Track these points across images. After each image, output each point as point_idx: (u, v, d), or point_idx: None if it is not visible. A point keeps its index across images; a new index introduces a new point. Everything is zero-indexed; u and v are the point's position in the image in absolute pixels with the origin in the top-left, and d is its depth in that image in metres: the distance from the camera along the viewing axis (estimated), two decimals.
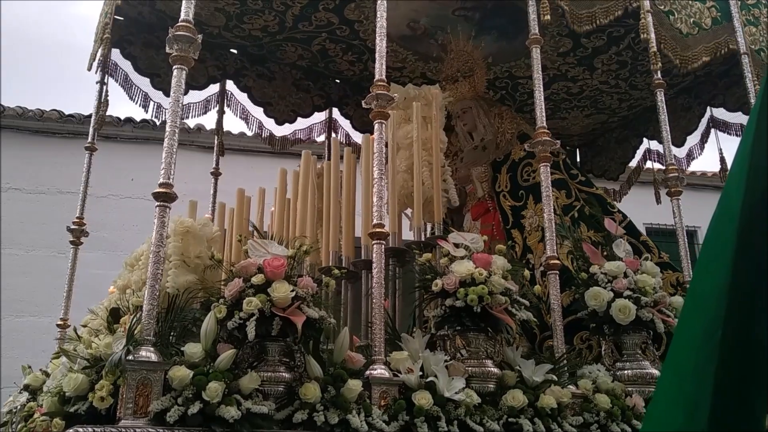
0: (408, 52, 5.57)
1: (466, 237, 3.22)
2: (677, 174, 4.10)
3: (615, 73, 5.73)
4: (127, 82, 5.17)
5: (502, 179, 4.75)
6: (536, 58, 3.82)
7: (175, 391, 2.39)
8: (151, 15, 5.00)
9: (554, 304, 3.41)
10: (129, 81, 5.19)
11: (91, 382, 2.54)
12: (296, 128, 6.24)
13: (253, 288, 2.59)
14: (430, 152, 3.72)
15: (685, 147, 6.28)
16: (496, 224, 4.69)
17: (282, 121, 6.01)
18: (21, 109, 8.87)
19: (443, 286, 3.02)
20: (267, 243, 2.77)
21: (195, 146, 8.96)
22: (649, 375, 3.45)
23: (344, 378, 2.63)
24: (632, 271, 3.52)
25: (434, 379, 2.81)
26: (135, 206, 8.32)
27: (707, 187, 11.15)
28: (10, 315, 8.01)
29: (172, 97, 2.87)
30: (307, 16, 5.08)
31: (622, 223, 4.51)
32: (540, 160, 3.65)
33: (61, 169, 8.56)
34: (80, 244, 4.55)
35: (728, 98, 5.65)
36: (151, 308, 2.50)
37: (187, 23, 2.96)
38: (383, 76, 3.23)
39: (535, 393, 3.02)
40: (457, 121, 5.16)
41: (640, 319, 3.37)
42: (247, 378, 2.49)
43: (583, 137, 6.95)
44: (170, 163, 2.74)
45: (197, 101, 5.75)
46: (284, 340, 2.66)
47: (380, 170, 3.10)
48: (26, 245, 8.43)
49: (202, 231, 2.96)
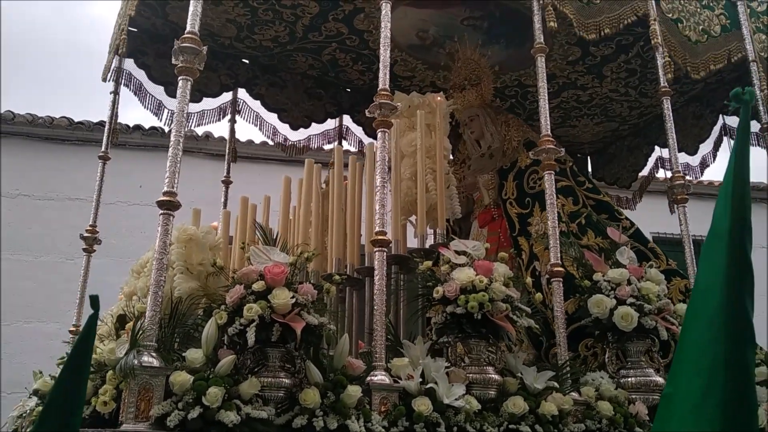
0: (417, 61, 5.61)
1: (468, 244, 3.25)
2: (683, 182, 4.10)
3: (624, 81, 5.73)
4: (141, 91, 5.25)
5: (508, 187, 4.77)
6: (541, 67, 3.83)
7: (176, 395, 2.44)
8: (164, 26, 5.07)
9: (557, 311, 3.43)
10: (143, 89, 5.27)
11: (95, 387, 2.59)
12: (311, 133, 6.27)
13: (253, 294, 2.63)
14: (434, 160, 3.74)
15: (698, 155, 6.24)
16: (503, 232, 4.70)
17: (297, 126, 6.07)
18: (31, 116, 8.98)
19: (444, 293, 3.04)
20: (269, 250, 2.81)
21: (203, 153, 9.09)
22: (653, 382, 3.45)
23: (344, 384, 2.67)
24: (636, 279, 3.53)
25: (434, 386, 2.84)
26: (143, 213, 8.35)
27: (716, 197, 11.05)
28: (18, 320, 8.09)
29: (178, 107, 2.92)
30: (317, 27, 5.14)
31: (629, 230, 4.53)
32: (544, 167, 3.66)
33: (70, 176, 8.67)
34: (93, 252, 4.61)
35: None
36: (153, 314, 2.55)
37: (193, 35, 3.02)
38: (387, 85, 3.27)
39: (536, 400, 3.04)
40: (464, 128, 5.19)
41: (643, 327, 3.38)
42: (247, 383, 2.53)
43: (595, 145, 6.94)
44: (174, 171, 2.79)
45: (211, 108, 5.83)
46: (285, 346, 2.70)
47: (383, 178, 3.13)
48: (35, 251, 8.53)
49: (205, 239, 3.01)
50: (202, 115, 5.78)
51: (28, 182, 8.77)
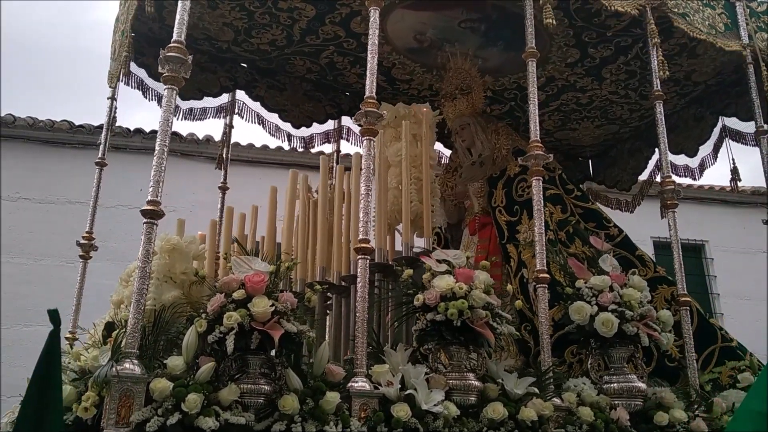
0: (415, 64, 5.62)
1: (449, 253, 3.29)
2: (673, 187, 4.12)
3: (624, 83, 5.72)
4: (143, 86, 5.27)
5: (497, 194, 4.81)
6: (531, 72, 3.84)
7: (156, 402, 2.49)
8: (162, 31, 5.10)
9: (542, 317, 3.46)
10: (144, 85, 5.29)
11: (79, 394, 2.65)
12: (314, 132, 6.30)
13: (234, 303, 2.69)
14: (420, 169, 3.79)
15: (697, 157, 6.23)
16: (492, 239, 4.74)
17: (299, 125, 6.11)
18: (32, 120, 9.06)
19: (425, 301, 3.09)
20: (250, 259, 2.87)
21: (203, 157, 9.15)
22: (635, 388, 3.49)
23: (323, 390, 2.72)
24: (619, 286, 3.56)
25: (413, 392, 2.88)
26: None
27: (715, 201, 11.08)
28: (17, 324, 8.16)
29: (162, 116, 2.97)
30: (313, 30, 5.16)
31: (617, 238, 4.57)
32: (532, 173, 3.68)
33: (71, 179, 8.73)
34: (89, 258, 4.68)
35: (740, 107, 5.56)
36: (135, 322, 2.61)
37: (179, 44, 3.05)
38: (373, 93, 3.27)
39: (516, 406, 3.07)
40: (456, 137, 5.24)
41: (625, 333, 3.41)
42: (227, 390, 2.58)
43: (595, 148, 6.93)
44: (158, 181, 2.85)
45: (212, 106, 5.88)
46: (265, 354, 2.75)
47: (367, 186, 3.15)
48: (35, 255, 8.61)
49: (188, 248, 3.07)
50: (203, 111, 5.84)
51: (28, 186, 8.84)
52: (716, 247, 10.97)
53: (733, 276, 10.66)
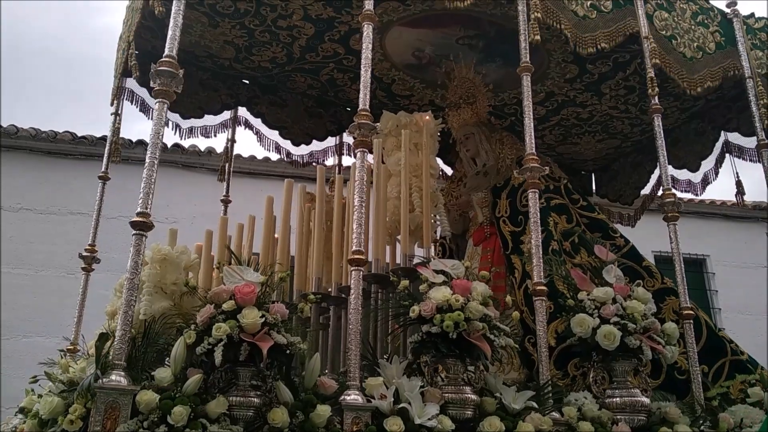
0: (415, 80, 5.65)
1: (448, 263, 3.24)
2: (673, 199, 4.07)
3: (624, 99, 5.71)
4: (144, 106, 5.31)
5: (501, 205, 4.76)
6: (526, 86, 3.83)
7: (142, 414, 2.46)
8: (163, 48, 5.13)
9: (540, 330, 3.40)
10: (146, 105, 5.33)
11: (67, 405, 2.62)
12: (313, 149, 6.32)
13: (223, 314, 2.65)
14: (421, 179, 3.75)
15: (699, 172, 6.20)
16: (496, 250, 4.68)
17: (299, 142, 6.14)
18: (34, 131, 9.12)
19: (420, 312, 3.04)
20: (242, 270, 2.83)
21: (205, 169, 9.15)
22: (638, 403, 3.39)
23: (314, 403, 2.68)
24: (622, 297, 3.49)
25: (407, 406, 2.82)
26: None
27: (716, 216, 11.00)
28: (17, 335, 8.17)
29: (153, 129, 2.96)
30: (313, 48, 5.20)
31: (623, 249, 4.50)
32: (529, 185, 3.65)
33: (73, 191, 8.77)
34: (92, 271, 4.68)
35: (742, 122, 5.55)
36: (123, 334, 2.58)
37: (170, 59, 3.07)
38: (366, 105, 3.28)
39: (514, 420, 3.01)
40: (460, 147, 5.22)
41: (627, 346, 3.33)
42: (215, 402, 2.54)
43: (598, 162, 6.92)
44: (148, 193, 2.83)
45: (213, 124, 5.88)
46: (256, 366, 2.70)
47: (360, 198, 3.13)
48: (36, 265, 8.63)
49: (180, 258, 3.04)
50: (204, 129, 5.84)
51: (30, 196, 8.87)
52: (717, 262, 10.89)
53: (734, 290, 10.58)
